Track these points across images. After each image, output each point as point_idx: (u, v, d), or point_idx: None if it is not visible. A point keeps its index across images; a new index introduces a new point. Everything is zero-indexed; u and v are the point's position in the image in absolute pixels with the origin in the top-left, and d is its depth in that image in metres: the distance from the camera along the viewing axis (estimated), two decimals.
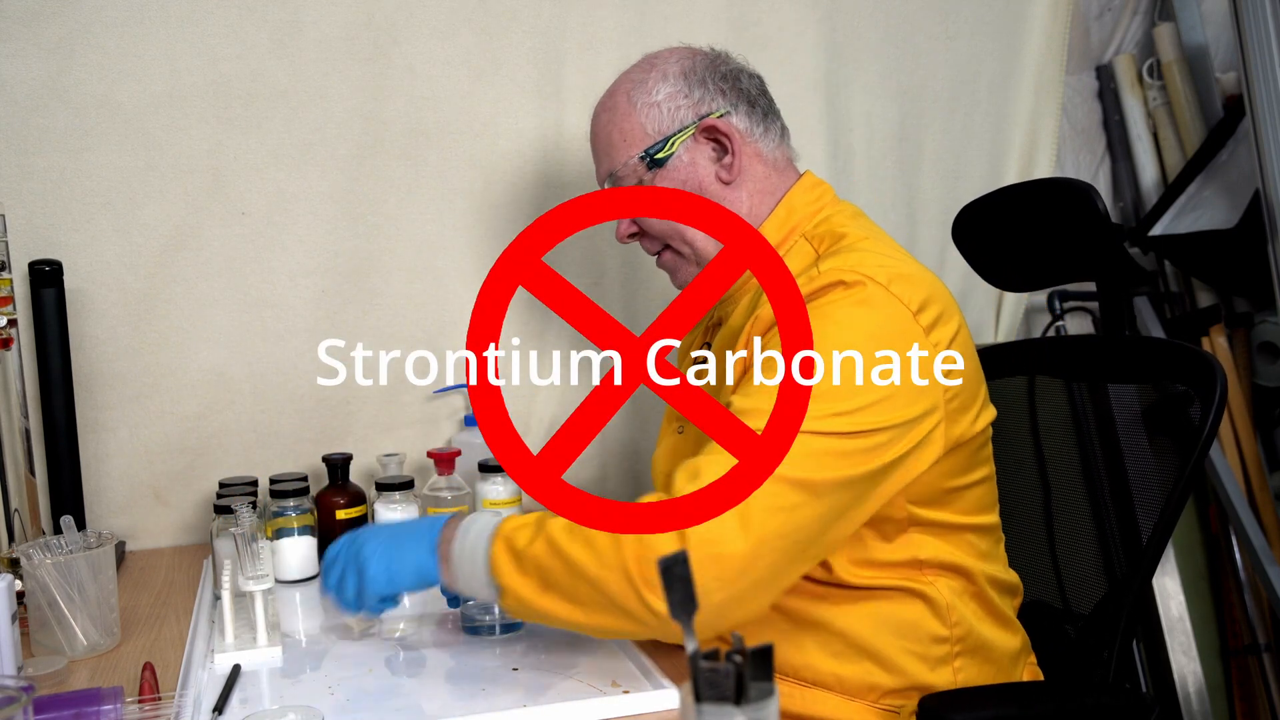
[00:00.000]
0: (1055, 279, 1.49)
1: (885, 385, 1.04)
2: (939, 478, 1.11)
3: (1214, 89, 2.07)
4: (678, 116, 1.22)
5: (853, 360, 1.03)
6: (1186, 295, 2.15)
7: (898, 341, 1.06)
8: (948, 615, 1.12)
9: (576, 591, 0.99)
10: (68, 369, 1.50)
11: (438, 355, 1.73)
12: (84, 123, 1.55)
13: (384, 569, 1.08)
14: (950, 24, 1.93)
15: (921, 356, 1.07)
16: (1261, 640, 2.03)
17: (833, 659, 1.11)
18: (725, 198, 1.22)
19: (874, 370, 1.04)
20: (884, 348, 1.05)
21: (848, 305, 1.06)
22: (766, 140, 1.24)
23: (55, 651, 1.16)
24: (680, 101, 1.23)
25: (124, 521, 1.62)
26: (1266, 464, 2.06)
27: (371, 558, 1.08)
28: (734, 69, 1.26)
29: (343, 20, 1.63)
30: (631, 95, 1.24)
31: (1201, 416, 1.20)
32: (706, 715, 0.65)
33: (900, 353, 1.06)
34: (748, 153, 1.23)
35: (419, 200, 1.69)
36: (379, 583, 1.08)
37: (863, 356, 1.04)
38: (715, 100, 1.23)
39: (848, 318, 1.06)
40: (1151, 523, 1.26)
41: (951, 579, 1.14)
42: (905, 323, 1.07)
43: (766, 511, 0.97)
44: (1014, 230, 1.43)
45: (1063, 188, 1.37)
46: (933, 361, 1.08)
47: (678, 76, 1.23)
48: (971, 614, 1.14)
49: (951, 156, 1.96)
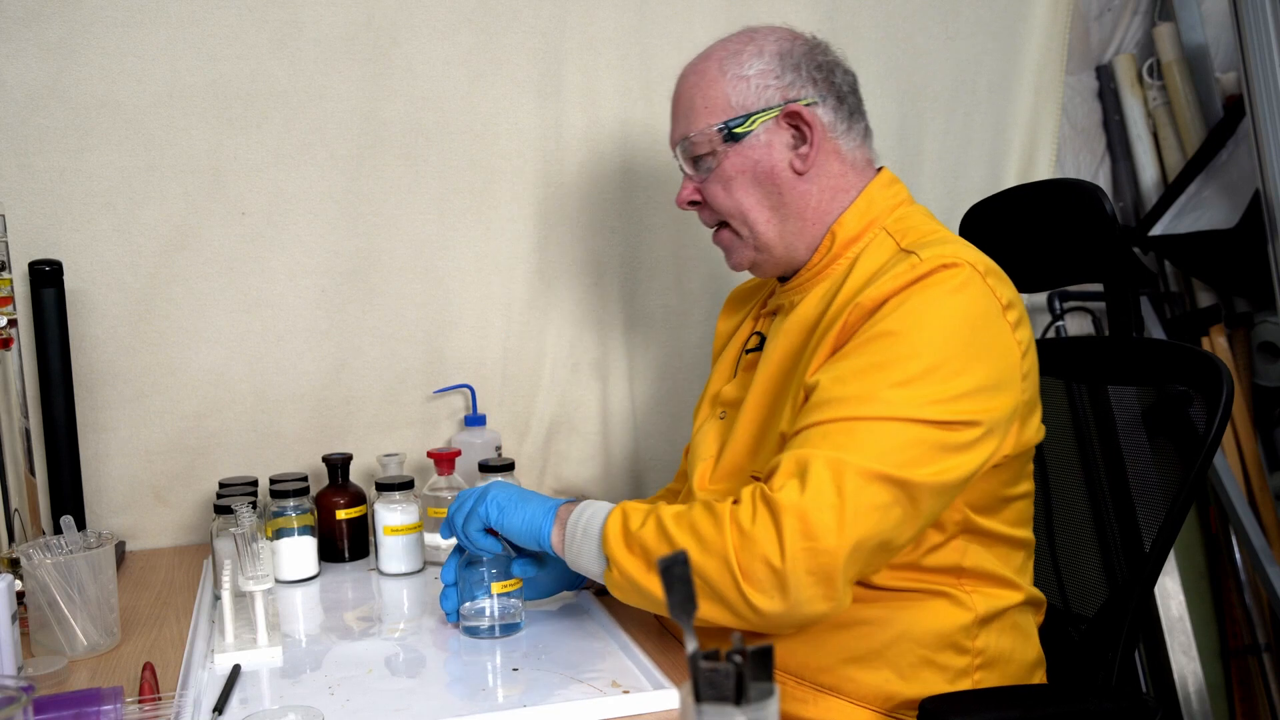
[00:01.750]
0: (1062, 280, 1.49)
1: (981, 377, 1.05)
2: (997, 484, 1.11)
3: (1214, 89, 2.07)
4: (764, 95, 1.20)
5: (952, 348, 1.04)
6: (1186, 295, 2.15)
7: (992, 334, 1.07)
8: (977, 626, 1.12)
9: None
10: (68, 369, 1.50)
11: (437, 355, 1.73)
12: (84, 123, 1.55)
13: (498, 507, 1.14)
14: (950, 24, 1.93)
15: (1010, 352, 1.08)
16: (1261, 640, 2.03)
17: (851, 663, 1.11)
18: (795, 187, 1.21)
19: (972, 360, 1.05)
20: (981, 338, 1.06)
21: (949, 291, 1.06)
22: (848, 138, 1.22)
23: (55, 651, 1.16)
24: (770, 81, 1.20)
25: (124, 521, 1.62)
26: (1266, 464, 2.06)
27: (494, 496, 1.15)
28: (830, 61, 1.23)
29: (343, 20, 1.63)
30: (724, 64, 1.22)
31: (1207, 420, 1.19)
32: (706, 715, 0.64)
33: (994, 345, 1.07)
34: (826, 148, 1.21)
35: (419, 200, 1.69)
36: (490, 511, 1.14)
37: (962, 345, 1.04)
38: (805, 88, 1.20)
39: (950, 304, 1.06)
40: (1153, 525, 1.26)
41: (988, 589, 1.13)
42: (998, 317, 1.08)
43: (862, 511, 0.98)
44: (1021, 231, 1.43)
45: (1070, 189, 1.37)
46: (1018, 359, 1.09)
47: (773, 56, 1.21)
48: (998, 627, 1.14)
49: (951, 156, 1.96)
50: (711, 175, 1.22)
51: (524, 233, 1.74)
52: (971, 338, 1.05)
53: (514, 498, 1.15)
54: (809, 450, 1.00)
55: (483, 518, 1.15)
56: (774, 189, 1.21)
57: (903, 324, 1.05)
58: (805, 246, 1.22)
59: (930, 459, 1.01)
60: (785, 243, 1.22)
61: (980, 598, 1.12)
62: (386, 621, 1.30)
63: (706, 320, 1.83)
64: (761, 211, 1.21)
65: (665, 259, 1.81)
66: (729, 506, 1.02)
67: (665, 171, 1.79)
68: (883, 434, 1.00)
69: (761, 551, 0.97)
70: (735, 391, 1.27)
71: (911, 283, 1.07)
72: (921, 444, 1.01)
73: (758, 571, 0.97)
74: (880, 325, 1.06)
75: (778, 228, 1.22)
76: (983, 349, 1.06)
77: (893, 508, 1.00)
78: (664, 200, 1.79)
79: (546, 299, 1.77)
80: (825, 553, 0.96)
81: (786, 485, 0.99)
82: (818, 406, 1.05)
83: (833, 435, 1.01)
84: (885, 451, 0.99)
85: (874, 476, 0.98)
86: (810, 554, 0.96)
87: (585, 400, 1.80)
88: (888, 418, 1.01)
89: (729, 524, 1.00)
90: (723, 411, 1.28)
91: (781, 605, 0.98)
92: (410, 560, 1.45)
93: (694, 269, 1.82)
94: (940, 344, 1.04)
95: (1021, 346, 1.10)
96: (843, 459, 0.98)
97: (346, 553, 1.52)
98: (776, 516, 0.97)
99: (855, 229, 1.20)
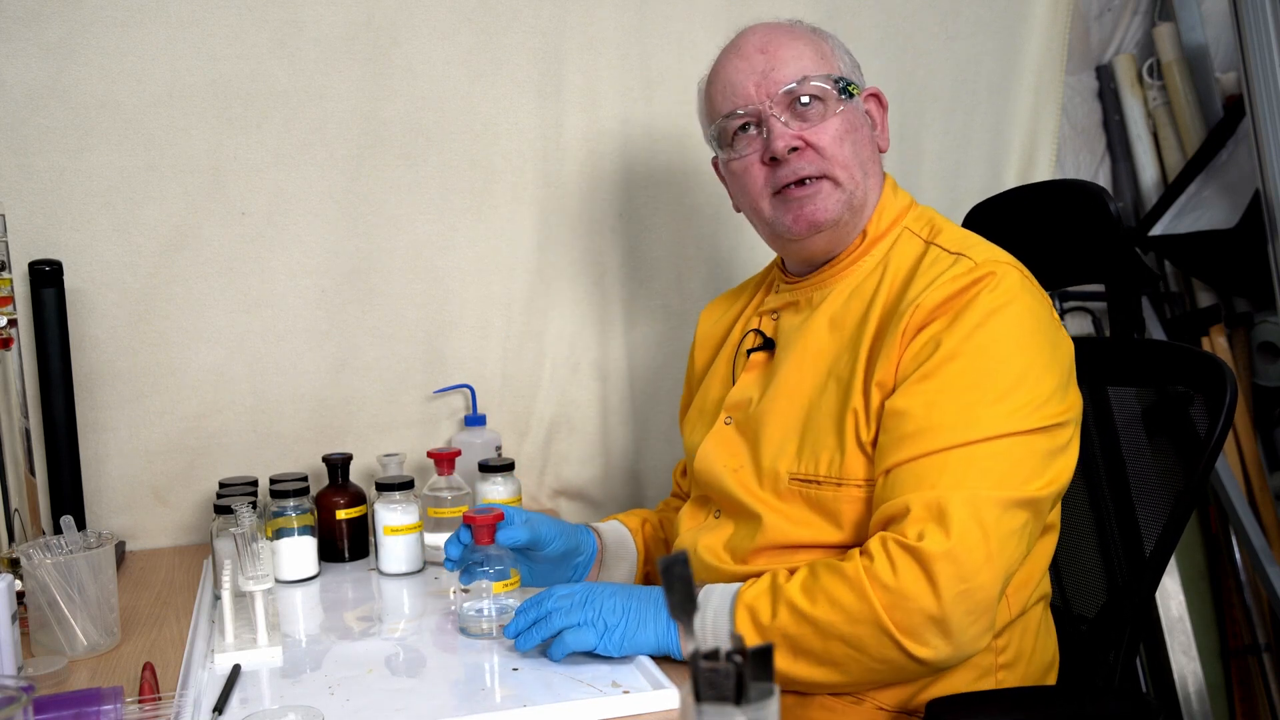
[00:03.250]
0: (1065, 280, 1.49)
1: (1058, 374, 1.07)
2: None
3: (1214, 89, 2.07)
4: (856, 74, 1.24)
5: (1030, 353, 1.06)
6: (1186, 295, 2.15)
7: (1053, 331, 1.10)
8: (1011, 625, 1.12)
9: (830, 653, 1.00)
10: (68, 369, 1.50)
11: (437, 355, 1.73)
12: (84, 123, 1.55)
13: (620, 638, 1.07)
14: (950, 24, 1.93)
15: (1067, 345, 1.11)
16: (1261, 640, 2.03)
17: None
18: (876, 161, 1.23)
19: (1049, 360, 1.07)
20: (1048, 337, 1.08)
21: (1011, 296, 1.07)
22: (884, 138, 1.26)
23: (55, 651, 1.16)
24: (854, 64, 1.25)
25: (124, 521, 1.62)
26: (1266, 464, 2.06)
27: (616, 627, 1.07)
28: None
29: (343, 20, 1.63)
30: (822, 33, 1.25)
31: (1210, 423, 1.19)
32: (706, 715, 0.64)
33: (1059, 342, 1.10)
34: (883, 137, 1.26)
35: (419, 200, 1.69)
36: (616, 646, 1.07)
37: (1037, 348, 1.06)
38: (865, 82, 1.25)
39: (1016, 310, 1.07)
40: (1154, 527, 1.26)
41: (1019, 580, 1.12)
42: (1052, 314, 1.11)
43: (1004, 539, 0.99)
44: (1024, 231, 1.42)
45: (1074, 190, 1.37)
46: (1072, 352, 1.12)
47: (845, 50, 1.26)
48: (1022, 625, 1.14)
49: (951, 156, 1.96)
50: (821, 125, 1.18)
51: (524, 233, 1.74)
52: (1041, 339, 1.07)
53: (622, 623, 1.08)
54: (938, 492, 0.99)
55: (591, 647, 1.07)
56: (870, 156, 1.22)
57: (978, 339, 1.05)
58: (861, 226, 1.23)
59: (1043, 468, 1.03)
60: (856, 205, 1.21)
61: (1015, 594, 1.12)
62: (386, 621, 1.30)
63: None
64: (859, 169, 1.20)
65: (665, 259, 1.81)
66: (859, 565, 1.00)
67: (665, 171, 1.79)
68: (998, 455, 1.01)
69: (917, 605, 0.96)
70: (743, 393, 1.25)
71: (971, 284, 1.07)
72: (1033, 455, 1.02)
73: (917, 625, 0.97)
74: (952, 343, 1.05)
75: (864, 189, 1.21)
76: (1051, 347, 1.08)
77: (1027, 526, 1.02)
78: (664, 200, 1.79)
79: (546, 299, 1.77)
80: (980, 589, 0.97)
81: (927, 532, 0.98)
82: (917, 436, 1.03)
83: (952, 466, 1.01)
84: (1006, 473, 1.00)
85: (1008, 504, 0.99)
86: (967, 595, 0.96)
87: (585, 400, 1.80)
88: (996, 436, 1.01)
89: (870, 585, 0.98)
90: (729, 417, 1.26)
91: (947, 650, 0.98)
92: (410, 560, 1.45)
93: (694, 269, 1.82)
94: (1019, 352, 1.05)
95: (1068, 341, 1.13)
96: (976, 494, 0.99)
97: (346, 553, 1.52)
98: (927, 566, 0.96)
99: (883, 225, 1.21)
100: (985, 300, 1.06)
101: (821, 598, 1.00)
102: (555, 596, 1.10)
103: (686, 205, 1.79)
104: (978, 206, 1.48)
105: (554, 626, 1.08)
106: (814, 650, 1.01)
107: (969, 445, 1.01)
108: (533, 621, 1.10)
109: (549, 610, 1.09)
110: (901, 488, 1.02)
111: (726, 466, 1.21)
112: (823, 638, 1.00)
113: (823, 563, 1.04)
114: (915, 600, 0.96)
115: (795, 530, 1.13)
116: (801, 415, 1.16)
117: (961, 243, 1.15)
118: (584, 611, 1.08)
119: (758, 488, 1.17)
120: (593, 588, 1.11)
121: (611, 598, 1.09)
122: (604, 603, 1.08)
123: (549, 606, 1.10)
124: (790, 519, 1.14)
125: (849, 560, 1.01)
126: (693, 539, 1.24)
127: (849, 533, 1.10)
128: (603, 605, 1.08)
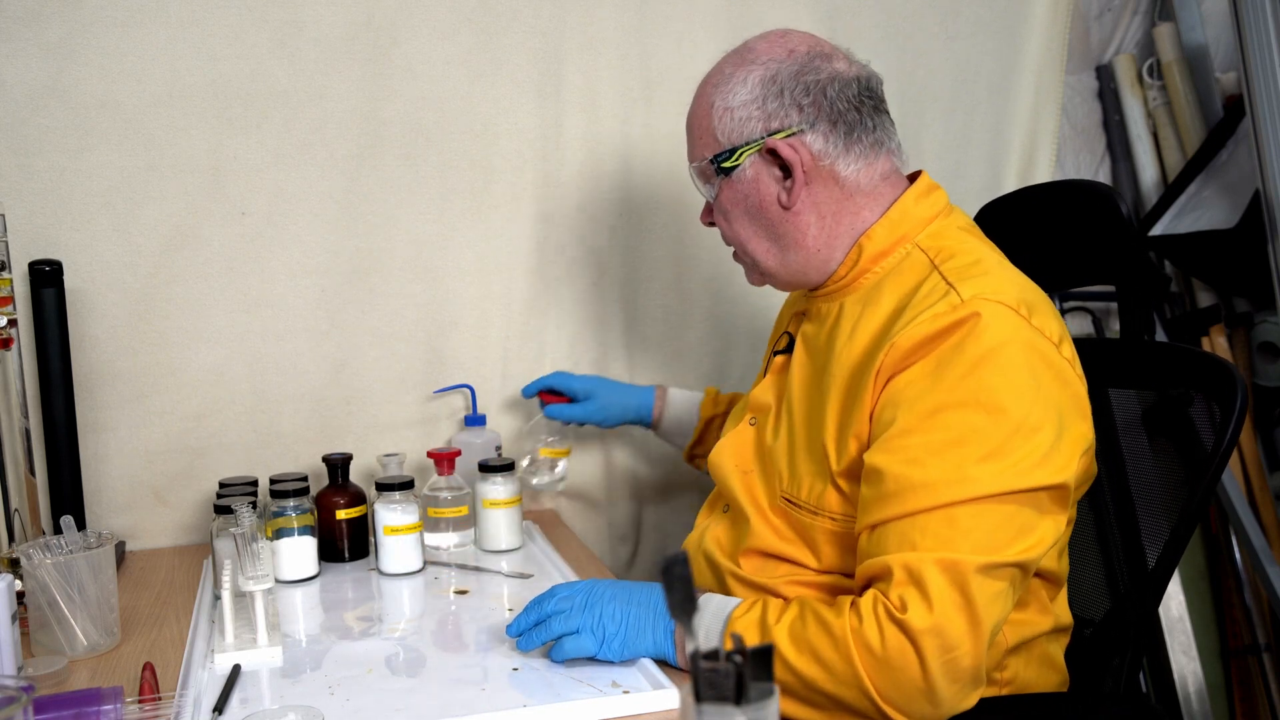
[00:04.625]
0: (1073, 281, 1.47)
1: (1057, 424, 1.01)
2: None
3: (1214, 89, 2.07)
4: (746, 129, 1.15)
5: (1024, 404, 0.99)
6: (1186, 295, 2.15)
7: (1053, 375, 1.03)
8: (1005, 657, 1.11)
9: (812, 700, 1.01)
10: (68, 369, 1.50)
11: (437, 355, 1.73)
12: (84, 123, 1.55)
13: (619, 646, 1.09)
14: (950, 24, 1.93)
15: (1074, 385, 1.05)
16: (1261, 640, 2.03)
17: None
18: (787, 221, 1.16)
19: (1045, 409, 1.00)
20: (1044, 384, 1.02)
21: (999, 342, 1.00)
22: (848, 160, 1.14)
23: (55, 651, 1.16)
24: (753, 113, 1.14)
25: (124, 521, 1.62)
26: (1266, 464, 2.06)
27: (615, 636, 1.09)
28: (823, 79, 1.14)
29: (343, 20, 1.63)
30: (712, 96, 1.18)
31: (1220, 427, 1.16)
32: (706, 715, 0.65)
33: (1059, 386, 1.03)
34: (820, 176, 1.14)
35: (419, 200, 1.69)
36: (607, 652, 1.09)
37: (1030, 398, 1.00)
38: (789, 115, 1.13)
39: (1005, 357, 1.00)
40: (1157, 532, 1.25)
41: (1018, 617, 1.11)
42: (1053, 355, 1.04)
43: (989, 604, 0.97)
44: (1033, 232, 1.40)
45: (1084, 190, 1.35)
46: (1084, 391, 1.06)
47: (758, 83, 1.14)
48: (1025, 656, 1.13)
49: (951, 156, 1.96)
50: (715, 204, 1.22)
51: (524, 233, 1.74)
52: (1036, 387, 1.00)
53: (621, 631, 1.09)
54: (917, 555, 0.97)
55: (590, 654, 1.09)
56: (767, 222, 1.18)
57: (965, 390, 1.00)
58: (818, 270, 1.18)
59: (1032, 528, 0.99)
60: (790, 270, 1.19)
61: (1011, 628, 1.10)
62: (386, 621, 1.30)
63: (706, 320, 1.83)
64: (760, 243, 1.20)
65: (665, 259, 1.81)
66: (847, 623, 0.98)
67: (665, 172, 1.79)
68: (983, 516, 0.97)
69: (903, 678, 0.96)
70: (765, 395, 1.25)
71: (953, 327, 1.01)
72: (1021, 514, 0.99)
73: (899, 696, 0.96)
74: (939, 395, 1.00)
75: (779, 258, 1.19)
76: (1050, 394, 1.01)
77: (1013, 585, 1.00)
78: (664, 200, 1.79)
79: (546, 299, 1.77)
80: (966, 656, 0.96)
81: (909, 600, 0.96)
82: (900, 494, 1.00)
83: (933, 528, 0.98)
84: (991, 535, 0.97)
85: (990, 569, 0.97)
86: (953, 664, 0.96)
87: None
88: (984, 497, 0.97)
89: (855, 648, 0.97)
90: (753, 418, 1.26)
91: (933, 714, 0.98)
92: (410, 560, 1.45)
93: (694, 269, 1.82)
94: (1011, 404, 0.99)
95: (1082, 379, 1.07)
96: (957, 560, 0.96)
97: (346, 553, 1.52)
98: (914, 640, 0.95)
99: (884, 243, 1.15)
100: (970, 347, 1.00)
101: (807, 651, 0.99)
102: (556, 598, 1.12)
103: (686, 205, 1.79)
104: (986, 207, 1.48)
105: (553, 632, 1.10)
106: (798, 694, 1.02)
107: (952, 506, 0.98)
108: (534, 623, 1.11)
109: (549, 613, 1.11)
110: (884, 547, 1.01)
111: (737, 468, 1.23)
112: (806, 689, 1.01)
113: (811, 608, 1.02)
114: (900, 673, 0.96)
115: (779, 544, 1.16)
116: (799, 434, 1.17)
117: (963, 271, 1.07)
118: (584, 617, 1.09)
119: (758, 494, 1.20)
120: (594, 589, 1.12)
121: (611, 602, 1.10)
122: (604, 608, 1.10)
123: (549, 609, 1.11)
124: (776, 532, 1.16)
125: (838, 614, 1.00)
126: (702, 530, 1.28)
127: (823, 562, 1.12)
128: (602, 611, 1.10)
